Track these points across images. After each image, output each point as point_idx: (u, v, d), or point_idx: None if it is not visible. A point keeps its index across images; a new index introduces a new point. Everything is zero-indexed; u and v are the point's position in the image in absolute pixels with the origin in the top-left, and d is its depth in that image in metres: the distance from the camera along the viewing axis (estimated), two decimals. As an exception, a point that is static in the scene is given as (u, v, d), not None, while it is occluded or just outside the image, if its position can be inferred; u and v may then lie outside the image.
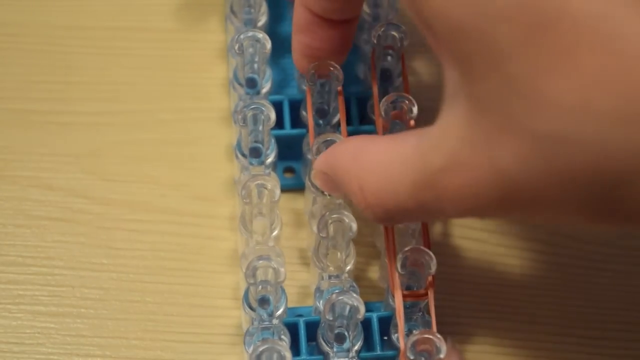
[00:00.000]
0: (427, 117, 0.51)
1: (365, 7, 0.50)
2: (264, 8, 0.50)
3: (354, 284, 0.45)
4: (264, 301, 0.43)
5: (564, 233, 0.50)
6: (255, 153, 0.46)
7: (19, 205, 0.50)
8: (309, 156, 0.45)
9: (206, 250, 0.49)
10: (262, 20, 0.49)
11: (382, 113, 0.45)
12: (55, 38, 0.54)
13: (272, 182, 0.44)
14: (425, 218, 0.43)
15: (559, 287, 0.49)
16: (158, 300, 0.48)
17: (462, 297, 0.48)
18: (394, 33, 0.47)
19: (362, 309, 0.42)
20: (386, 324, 0.45)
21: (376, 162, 0.38)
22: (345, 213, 0.43)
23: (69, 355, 0.47)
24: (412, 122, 0.46)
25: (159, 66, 0.53)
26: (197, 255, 0.49)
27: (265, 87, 0.48)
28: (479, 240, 0.50)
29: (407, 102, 0.46)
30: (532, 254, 0.49)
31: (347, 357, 0.43)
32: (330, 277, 0.44)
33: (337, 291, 0.42)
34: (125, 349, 0.47)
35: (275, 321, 0.43)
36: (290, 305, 0.45)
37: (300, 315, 0.45)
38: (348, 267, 0.44)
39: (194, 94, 0.52)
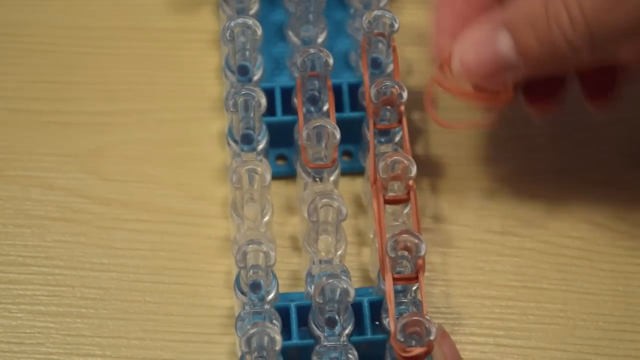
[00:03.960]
0: (416, 104, 0.51)
1: None
2: None
3: (346, 269, 0.45)
4: (255, 286, 0.43)
5: (564, 233, 0.50)
6: (247, 140, 0.46)
7: (19, 205, 0.50)
8: (300, 142, 0.45)
9: (206, 250, 0.49)
10: (254, 8, 0.50)
11: (372, 98, 0.46)
12: (55, 38, 0.54)
13: (263, 167, 0.44)
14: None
15: (559, 287, 0.49)
16: (158, 300, 0.48)
17: (462, 297, 0.48)
18: (385, 20, 0.47)
19: (352, 291, 0.42)
20: (377, 308, 0.45)
21: None
22: (335, 197, 0.43)
23: (69, 355, 0.47)
24: (402, 108, 0.46)
25: (159, 66, 0.53)
26: (196, 255, 0.49)
27: (257, 75, 0.48)
28: (479, 240, 0.50)
29: (396, 87, 0.46)
30: (532, 254, 0.49)
31: (338, 341, 0.43)
32: (321, 261, 0.45)
33: (327, 275, 0.43)
34: (125, 349, 0.47)
35: (266, 306, 0.43)
36: (282, 291, 0.45)
37: (292, 300, 0.45)
38: (339, 252, 0.45)
39: (194, 94, 0.52)
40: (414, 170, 0.44)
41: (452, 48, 0.40)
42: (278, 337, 0.41)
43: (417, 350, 0.41)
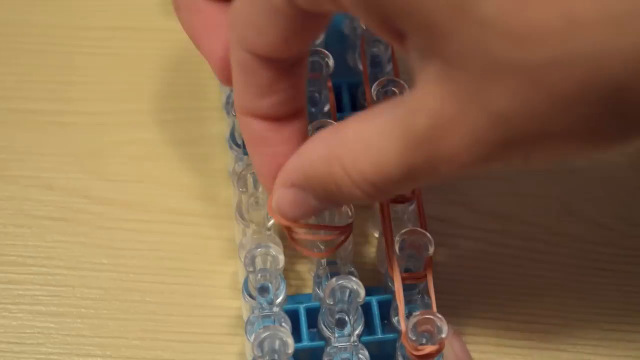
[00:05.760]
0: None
1: None
2: None
3: (353, 269, 0.45)
4: (263, 289, 0.43)
5: (564, 233, 0.50)
6: None
7: (19, 205, 0.50)
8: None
9: (206, 250, 0.49)
10: None
11: (374, 97, 0.46)
12: (55, 38, 0.54)
13: None
14: (416, 184, 0.40)
15: (559, 287, 0.49)
16: (158, 300, 0.48)
17: (462, 297, 0.48)
18: None
19: (362, 292, 0.42)
20: (386, 307, 0.45)
21: (353, 139, 0.36)
22: None
23: (69, 355, 0.47)
24: None
25: (159, 66, 0.53)
26: (197, 255, 0.49)
27: (257, 77, 0.48)
28: (479, 240, 0.50)
29: (399, 86, 0.46)
30: (532, 254, 0.49)
31: (349, 341, 0.43)
32: (328, 263, 0.45)
33: (336, 276, 0.43)
34: (125, 349, 0.47)
35: (275, 309, 0.43)
36: (288, 293, 0.45)
37: (300, 303, 0.45)
38: (346, 253, 0.45)
39: (194, 94, 0.52)
40: None
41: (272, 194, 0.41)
42: (290, 341, 0.41)
43: (429, 349, 0.41)
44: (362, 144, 0.36)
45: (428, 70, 0.33)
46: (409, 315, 0.42)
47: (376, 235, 0.48)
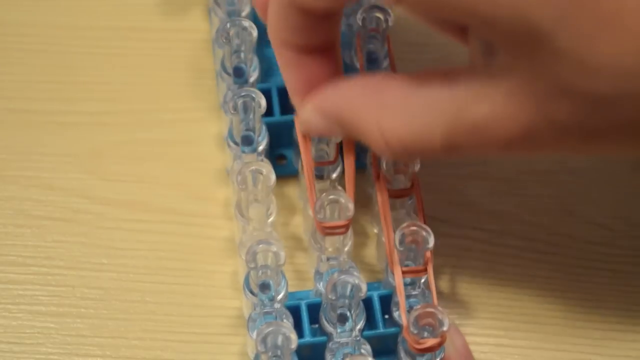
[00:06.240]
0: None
1: None
2: None
3: (353, 265, 0.45)
4: (264, 286, 0.43)
5: (564, 233, 0.50)
6: (247, 141, 0.46)
7: (19, 205, 0.50)
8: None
9: (206, 250, 0.49)
10: (246, 10, 0.49)
11: None
12: (55, 38, 0.54)
13: (267, 168, 0.44)
14: (451, 157, 0.42)
15: (559, 287, 0.49)
16: (158, 300, 0.48)
17: (462, 297, 0.48)
18: (379, 15, 0.47)
19: (364, 287, 0.42)
20: (387, 302, 0.45)
21: (399, 102, 0.38)
22: (341, 194, 0.44)
23: (69, 355, 0.47)
24: None
25: (159, 66, 0.53)
26: (197, 255, 0.49)
27: (253, 76, 0.48)
28: (479, 240, 0.50)
29: None
30: (531, 254, 0.49)
31: (351, 336, 0.43)
32: (329, 259, 0.45)
33: (337, 271, 0.43)
34: (125, 349, 0.47)
35: (277, 305, 0.43)
36: (288, 290, 0.45)
37: (301, 299, 0.45)
38: (346, 248, 0.45)
39: (193, 94, 0.52)
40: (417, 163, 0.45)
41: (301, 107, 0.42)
42: (293, 336, 0.41)
43: (431, 342, 0.41)
44: (404, 113, 0.37)
45: (493, 72, 0.35)
46: (410, 309, 0.42)
47: (376, 230, 0.48)
